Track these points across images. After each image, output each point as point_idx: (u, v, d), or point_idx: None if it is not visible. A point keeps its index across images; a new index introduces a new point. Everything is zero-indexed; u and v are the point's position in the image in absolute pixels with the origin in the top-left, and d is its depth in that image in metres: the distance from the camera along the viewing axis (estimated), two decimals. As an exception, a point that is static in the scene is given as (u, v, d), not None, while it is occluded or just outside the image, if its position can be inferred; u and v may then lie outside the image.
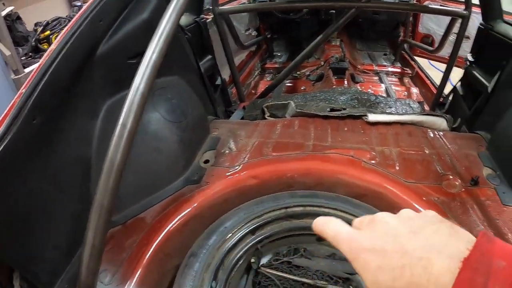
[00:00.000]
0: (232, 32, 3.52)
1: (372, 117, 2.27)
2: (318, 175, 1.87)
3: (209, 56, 2.82)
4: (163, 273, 1.59)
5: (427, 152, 2.06)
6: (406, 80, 4.88)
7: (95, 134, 1.65)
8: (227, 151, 2.08)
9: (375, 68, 5.00)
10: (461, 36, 3.16)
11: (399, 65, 5.20)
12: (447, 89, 3.44)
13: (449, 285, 0.45)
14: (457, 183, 1.86)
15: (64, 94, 1.48)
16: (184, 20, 2.55)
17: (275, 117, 2.53)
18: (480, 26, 2.70)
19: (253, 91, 4.31)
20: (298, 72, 4.68)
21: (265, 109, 2.59)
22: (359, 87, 4.22)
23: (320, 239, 1.69)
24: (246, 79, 4.45)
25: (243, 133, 2.25)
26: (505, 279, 0.43)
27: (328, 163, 1.93)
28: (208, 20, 2.98)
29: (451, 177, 1.89)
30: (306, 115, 2.40)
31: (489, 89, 2.33)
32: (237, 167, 1.93)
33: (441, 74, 3.44)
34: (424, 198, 1.73)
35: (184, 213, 1.72)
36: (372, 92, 4.01)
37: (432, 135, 2.23)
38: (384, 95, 4.19)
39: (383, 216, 0.61)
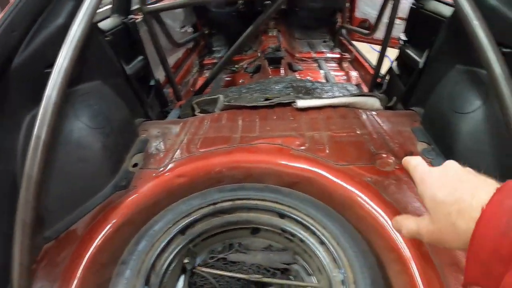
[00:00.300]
0: (164, 30, 3.43)
1: (301, 103, 2.23)
2: (247, 167, 1.82)
3: (140, 57, 2.73)
4: (101, 284, 1.51)
5: (359, 133, 2.04)
6: (345, 65, 4.92)
7: (18, 149, 1.56)
8: (155, 152, 2.01)
9: (314, 55, 5.01)
10: (393, 17, 3.19)
11: (338, 50, 5.24)
12: (385, 70, 3.44)
13: (486, 201, 0.60)
14: (390, 160, 1.85)
15: None
16: (111, 22, 2.45)
17: (206, 112, 2.46)
18: (412, 5, 2.73)
19: (191, 89, 4.23)
20: (236, 66, 4.64)
21: (195, 106, 2.52)
22: (297, 75, 4.22)
23: (254, 232, 1.67)
24: (184, 77, 4.36)
25: (172, 132, 2.18)
26: None
27: (255, 154, 1.88)
28: (138, 20, 2.88)
29: (384, 155, 1.87)
30: (234, 107, 2.35)
31: (421, 65, 2.34)
32: (164, 167, 1.87)
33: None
34: (356, 180, 1.70)
35: (114, 220, 1.65)
36: (311, 79, 4.01)
37: (365, 115, 2.22)
38: (323, 81, 4.19)
39: (445, 165, 0.78)
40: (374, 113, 2.25)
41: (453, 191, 0.66)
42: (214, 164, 1.85)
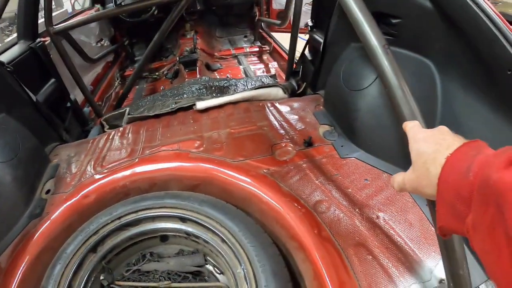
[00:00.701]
0: (76, 49, 3.36)
1: (200, 105, 2.28)
2: (149, 177, 1.86)
3: (52, 80, 2.69)
4: None
5: (258, 125, 2.09)
6: (265, 57, 4.99)
7: None
8: (65, 176, 2.02)
9: (233, 52, 5.07)
10: (298, 5, 3.22)
11: (258, 44, 5.30)
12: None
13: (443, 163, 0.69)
14: (290, 148, 1.90)
15: None
16: (18, 49, 2.42)
17: (116, 127, 2.46)
18: None
19: (114, 103, 4.17)
20: (157, 73, 4.63)
21: (104, 123, 2.52)
22: (217, 74, 4.24)
23: (164, 239, 1.70)
24: (106, 91, 4.28)
25: (81, 153, 2.19)
26: (493, 154, 0.62)
27: (156, 162, 1.92)
28: (47, 42, 2.83)
29: (283, 144, 1.93)
30: (138, 119, 2.36)
31: (321, 48, 2.38)
32: (72, 189, 1.88)
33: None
34: (252, 173, 1.74)
35: (33, 250, 1.66)
36: (231, 76, 4.05)
37: (267, 106, 2.26)
38: (243, 76, 4.24)
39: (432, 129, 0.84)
40: (277, 103, 2.30)
41: (433, 145, 0.75)
42: (117, 179, 1.87)
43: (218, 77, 4.22)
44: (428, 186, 0.74)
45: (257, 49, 5.13)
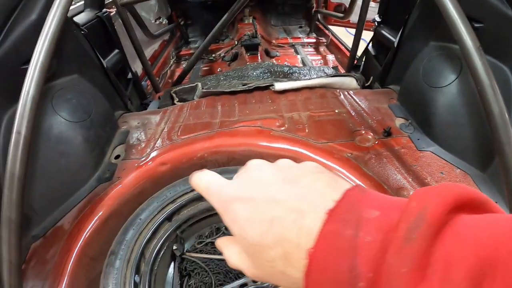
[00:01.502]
0: (139, 22, 3.39)
1: (278, 86, 2.24)
2: (228, 151, 1.83)
3: (116, 50, 2.72)
4: (92, 277, 1.52)
5: (337, 111, 2.06)
6: (322, 49, 4.95)
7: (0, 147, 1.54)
8: (136, 143, 2.00)
9: (290, 41, 5.03)
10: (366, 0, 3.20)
11: (314, 35, 5.27)
12: (362, 52, 3.48)
13: (315, 236, 0.41)
14: (370, 136, 1.87)
15: None
16: (85, 16, 2.43)
17: (185, 101, 2.45)
18: None
19: (169, 80, 4.22)
20: (213, 55, 4.63)
21: (174, 95, 2.51)
22: (275, 61, 4.23)
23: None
24: (162, 69, 4.34)
25: (152, 122, 2.18)
26: (379, 228, 0.38)
27: (236, 137, 1.89)
28: (113, 13, 2.86)
29: (363, 132, 1.90)
30: (213, 93, 2.35)
31: (395, 44, 2.35)
32: (146, 156, 1.86)
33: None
34: (337, 156, 1.72)
35: (100, 213, 1.65)
36: (288, 64, 4.02)
37: (343, 95, 2.24)
38: (301, 65, 4.21)
39: (257, 164, 0.55)
40: (351, 92, 2.27)
41: (269, 225, 0.45)
42: (196, 150, 1.85)
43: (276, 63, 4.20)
44: (292, 285, 0.45)
45: (314, 40, 5.09)
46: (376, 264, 0.36)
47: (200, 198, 1.62)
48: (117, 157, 1.94)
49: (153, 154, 1.87)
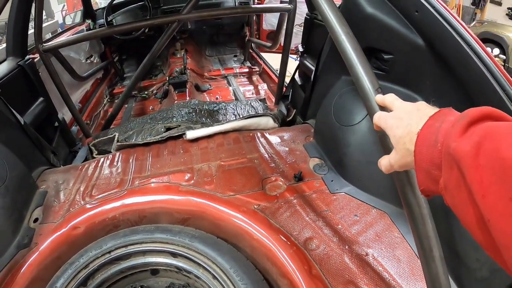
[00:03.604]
0: (66, 67, 3.30)
1: (190, 134, 2.27)
2: (139, 210, 1.85)
3: (41, 99, 2.65)
4: None
5: (249, 157, 2.09)
6: (255, 78, 5.02)
7: None
8: (53, 205, 1.99)
9: (223, 72, 5.07)
10: (289, 28, 3.24)
11: (248, 64, 5.32)
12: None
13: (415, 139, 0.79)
14: (280, 183, 1.90)
15: None
16: (6, 66, 2.38)
17: (105, 152, 2.44)
18: (306, 16, 2.80)
19: (102, 122, 4.13)
20: (146, 92, 4.62)
21: (92, 148, 2.49)
22: (206, 95, 4.24)
23: (154, 273, 1.68)
24: (95, 109, 4.24)
25: (69, 181, 2.15)
26: (450, 122, 0.71)
27: (146, 195, 1.91)
28: (37, 59, 2.79)
29: (273, 179, 1.92)
30: (127, 146, 2.34)
31: (312, 77, 2.38)
32: (61, 220, 1.85)
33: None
34: (243, 209, 1.74)
35: (21, 281, 1.63)
36: (220, 97, 4.04)
37: (257, 137, 2.26)
38: (233, 98, 4.23)
39: (400, 104, 0.94)
40: (267, 133, 2.30)
41: (405, 127, 0.84)
42: (107, 211, 1.85)
43: (207, 98, 4.23)
44: (411, 161, 0.83)
45: (246, 69, 5.15)
46: (444, 135, 0.70)
47: (112, 261, 1.62)
48: (36, 220, 1.91)
49: (67, 217, 1.85)
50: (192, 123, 2.50)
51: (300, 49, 3.05)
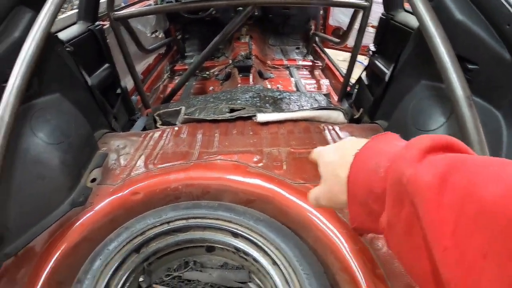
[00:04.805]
0: (133, 38, 3.36)
1: (261, 117, 2.21)
2: (203, 185, 1.80)
3: (107, 65, 2.69)
4: None
5: None
6: (317, 73, 4.93)
7: None
8: (113, 168, 1.97)
9: (286, 62, 5.02)
10: (363, 26, 3.19)
11: (310, 58, 5.25)
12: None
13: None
14: None
15: None
16: (75, 30, 2.40)
17: (169, 124, 2.43)
18: (382, 16, 2.74)
19: (161, 96, 4.18)
20: (207, 72, 4.62)
21: (157, 118, 2.48)
22: (268, 83, 4.20)
23: (210, 250, 1.65)
24: (155, 83, 4.31)
25: (132, 146, 2.15)
26: (405, 146, 0.58)
27: (212, 171, 1.86)
28: (106, 27, 2.83)
29: None
30: (195, 120, 2.31)
31: (387, 78, 2.32)
32: (121, 183, 1.83)
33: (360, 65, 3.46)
34: None
35: (71, 238, 1.62)
36: (281, 87, 4.00)
37: (327, 130, 2.20)
38: (294, 89, 4.18)
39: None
40: (337, 127, 2.23)
41: (341, 151, 0.73)
42: (170, 181, 1.82)
43: (269, 86, 4.18)
44: (341, 192, 0.69)
45: (309, 63, 5.07)
46: (392, 158, 0.57)
47: (169, 232, 1.59)
48: (93, 180, 1.91)
49: (128, 181, 1.83)
50: (256, 108, 2.45)
51: (372, 48, 2.98)
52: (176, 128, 2.29)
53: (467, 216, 0.44)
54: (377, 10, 3.09)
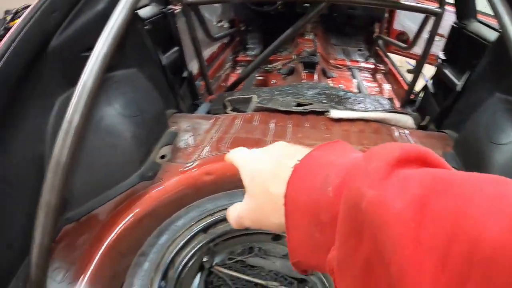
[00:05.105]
0: (202, 24, 3.41)
1: (334, 113, 2.20)
2: None
3: (176, 48, 2.74)
4: (117, 272, 1.53)
5: None
6: (379, 76, 4.86)
7: (48, 130, 1.56)
8: (184, 147, 1.99)
9: (348, 63, 4.96)
10: (433, 33, 3.13)
11: (372, 61, 5.18)
12: (419, 86, 3.40)
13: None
14: None
15: (15, 91, 1.41)
16: (149, 10, 2.46)
17: (238, 111, 2.45)
18: (454, 24, 2.68)
19: (223, 84, 4.22)
20: (270, 66, 4.63)
21: (227, 103, 2.51)
22: (330, 82, 4.18)
23: (276, 238, 1.66)
24: (217, 71, 4.36)
25: (202, 127, 2.17)
26: (364, 157, 0.44)
27: None
28: (177, 11, 2.89)
29: None
30: (267, 109, 2.32)
31: (459, 88, 2.28)
32: (192, 163, 1.85)
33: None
34: None
35: (137, 210, 1.65)
36: (343, 87, 3.98)
37: (397, 133, 2.18)
38: (356, 90, 4.15)
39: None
40: (407, 132, 2.20)
41: (273, 159, 0.57)
42: None
43: (331, 85, 4.15)
44: (273, 213, 0.53)
45: (372, 66, 5.00)
46: (346, 173, 0.44)
47: None
48: (162, 157, 1.94)
49: (199, 162, 1.85)
50: (328, 104, 2.45)
51: (441, 57, 2.92)
52: (248, 115, 2.30)
53: (455, 262, 0.31)
54: (444, 18, 3.04)
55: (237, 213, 0.64)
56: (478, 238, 0.30)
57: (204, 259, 1.58)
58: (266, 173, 0.55)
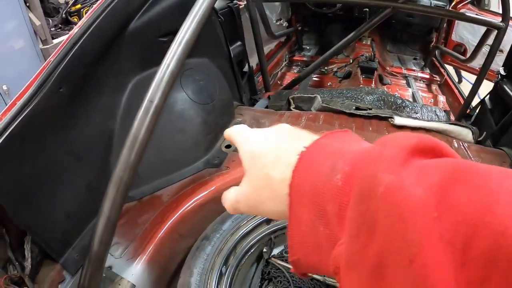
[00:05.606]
0: (263, 20, 3.46)
1: (398, 120, 2.22)
2: None
3: (239, 42, 2.80)
4: (175, 253, 1.60)
5: None
6: (434, 87, 4.79)
7: (120, 108, 1.64)
8: None
9: (404, 71, 4.90)
10: (495, 48, 3.07)
11: (428, 71, 5.09)
12: (475, 101, 3.37)
13: (294, 162, 0.46)
14: None
15: (92, 67, 1.47)
16: (218, 3, 2.52)
17: (300, 109, 2.50)
18: None
19: (278, 82, 4.27)
20: (326, 68, 4.63)
21: (291, 101, 2.56)
22: (386, 89, 4.16)
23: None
24: (273, 69, 4.41)
25: (267, 122, 2.21)
26: (379, 142, 0.41)
27: None
28: (241, 6, 2.95)
29: None
30: (331, 110, 2.36)
31: None
32: None
33: (469, 86, 3.36)
34: None
35: (201, 195, 1.71)
36: (398, 95, 3.97)
37: (456, 145, 2.18)
38: (410, 99, 4.13)
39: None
40: (466, 144, 2.21)
41: (276, 141, 0.52)
42: None
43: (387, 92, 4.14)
44: (272, 200, 0.49)
45: (427, 76, 4.92)
46: (357, 159, 0.40)
47: None
48: (228, 146, 2.00)
49: None
50: (391, 111, 2.46)
51: (502, 72, 2.88)
52: (311, 115, 2.34)
53: (476, 258, 0.29)
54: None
55: (234, 197, 0.59)
56: (504, 233, 0.27)
57: (264, 250, 1.62)
58: (268, 155, 0.50)
